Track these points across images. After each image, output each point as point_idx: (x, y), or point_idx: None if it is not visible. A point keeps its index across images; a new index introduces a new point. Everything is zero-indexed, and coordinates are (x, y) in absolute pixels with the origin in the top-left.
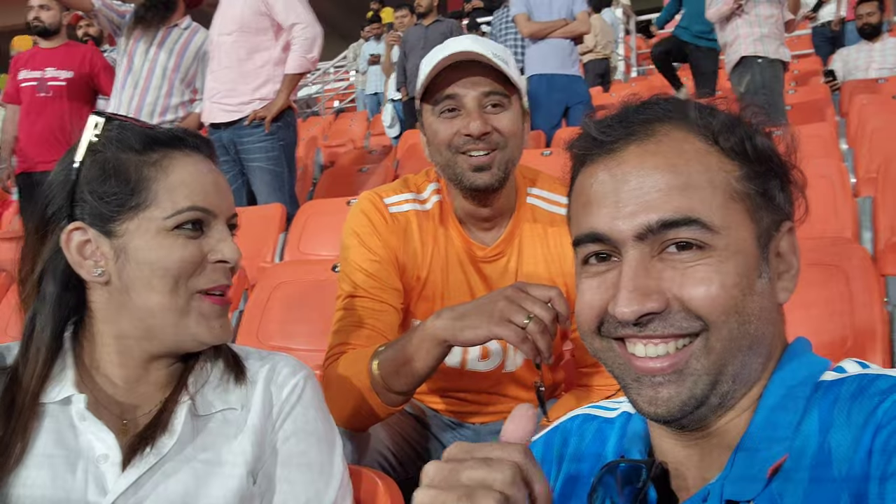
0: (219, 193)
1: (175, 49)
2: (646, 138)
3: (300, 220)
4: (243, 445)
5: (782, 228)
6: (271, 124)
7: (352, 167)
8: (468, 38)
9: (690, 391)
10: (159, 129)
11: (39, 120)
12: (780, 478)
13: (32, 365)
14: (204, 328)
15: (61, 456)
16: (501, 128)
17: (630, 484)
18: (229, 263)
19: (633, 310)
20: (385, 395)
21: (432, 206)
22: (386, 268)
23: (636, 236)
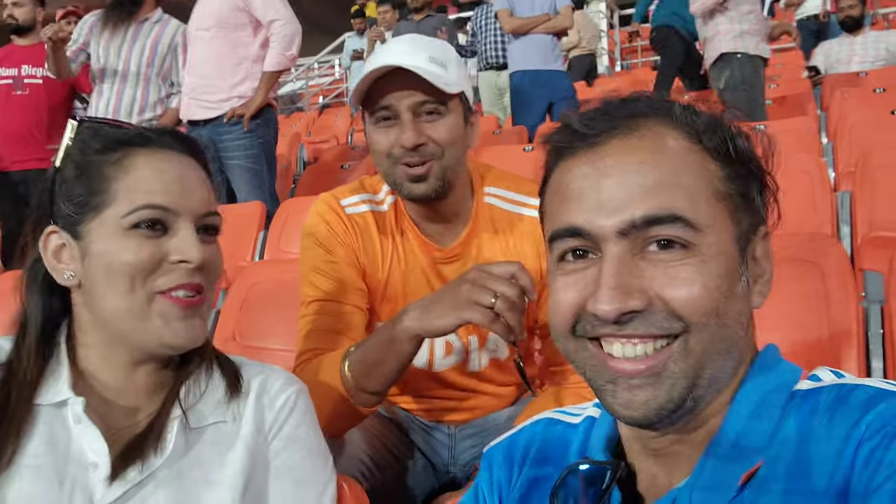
0: (184, 191)
1: (147, 44)
2: (629, 132)
3: (280, 218)
4: (235, 459)
5: (759, 232)
6: (250, 122)
7: (335, 163)
8: (405, 43)
9: (668, 394)
10: (128, 128)
11: (16, 118)
12: (753, 487)
13: (25, 364)
14: (166, 331)
15: (50, 462)
16: (437, 137)
17: (594, 486)
18: (191, 264)
19: (615, 307)
20: (358, 395)
21: (388, 206)
22: (347, 269)
23: (619, 232)
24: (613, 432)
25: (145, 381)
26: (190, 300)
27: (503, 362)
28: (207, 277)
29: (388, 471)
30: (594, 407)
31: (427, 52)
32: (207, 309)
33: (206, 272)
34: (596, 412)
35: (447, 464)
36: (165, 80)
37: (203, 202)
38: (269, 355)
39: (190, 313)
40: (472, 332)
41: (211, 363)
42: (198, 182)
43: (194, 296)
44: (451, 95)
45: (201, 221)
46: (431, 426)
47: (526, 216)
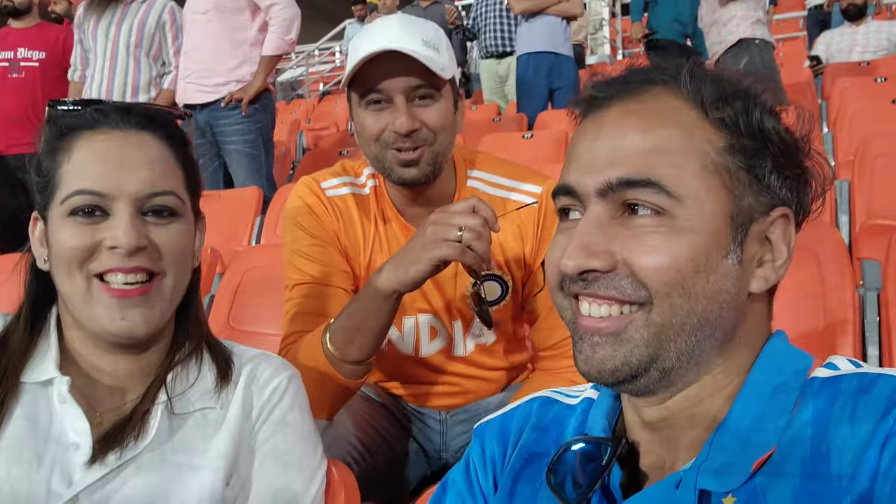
0: (122, 174)
1: (134, 23)
2: (630, 98)
3: (277, 204)
4: (219, 445)
5: (773, 214)
6: (248, 107)
7: (333, 150)
8: (397, 23)
9: (625, 357)
10: (82, 110)
11: (11, 101)
12: (766, 471)
13: (14, 341)
14: (105, 318)
15: (30, 440)
16: (430, 122)
17: (592, 462)
18: (120, 249)
19: (576, 264)
20: (342, 367)
21: (369, 190)
22: (329, 251)
23: (597, 192)
24: (613, 412)
25: (130, 365)
26: (126, 290)
27: (490, 347)
28: (160, 262)
29: (379, 455)
30: (593, 388)
31: (420, 35)
32: (162, 296)
33: (155, 256)
34: (594, 393)
35: (439, 449)
36: (157, 60)
37: (146, 182)
38: (262, 340)
39: (129, 303)
40: (456, 317)
41: (201, 349)
42: (143, 161)
43: (137, 283)
44: (444, 80)
45: (146, 203)
46: (422, 412)
47: (508, 200)
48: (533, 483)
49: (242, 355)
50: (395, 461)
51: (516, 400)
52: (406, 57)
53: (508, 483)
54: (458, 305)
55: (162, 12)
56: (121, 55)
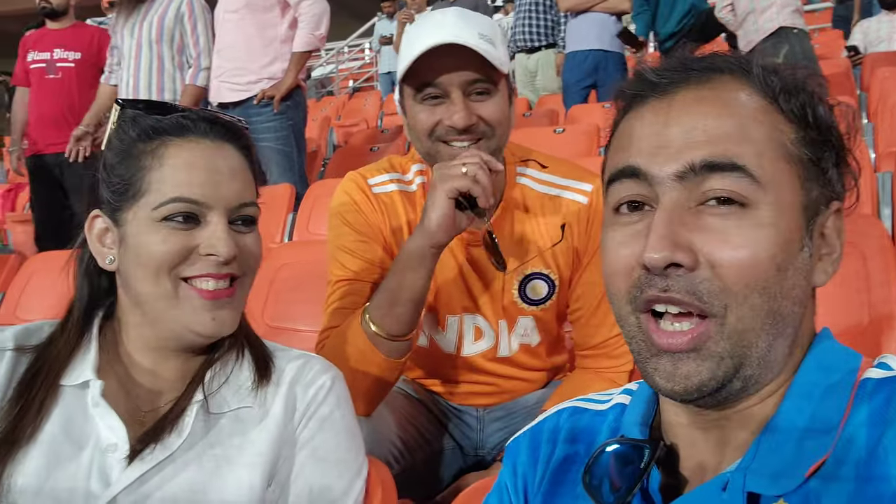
0: (216, 183)
1: (154, 19)
2: (701, 83)
3: (309, 200)
4: (258, 444)
5: (830, 207)
6: (280, 104)
7: (363, 146)
8: (453, 16)
9: (711, 372)
10: (168, 117)
11: (49, 101)
12: (820, 475)
13: (58, 345)
14: (193, 319)
15: (67, 442)
16: (487, 116)
17: (630, 465)
18: (219, 257)
19: (664, 255)
20: (383, 344)
21: (417, 187)
22: (374, 248)
23: (676, 175)
24: (648, 414)
25: (177, 365)
26: (216, 292)
27: (534, 348)
28: (241, 267)
29: (417, 453)
30: (623, 393)
31: (477, 28)
32: (242, 298)
33: (239, 262)
34: (625, 399)
35: (475, 446)
36: (181, 53)
37: (237, 193)
38: (296, 336)
39: (218, 304)
40: (501, 316)
41: (242, 349)
42: (232, 172)
43: (223, 287)
44: (500, 74)
45: (235, 213)
46: (460, 409)
47: (557, 198)
48: (572, 492)
49: (286, 356)
50: (432, 458)
51: (554, 400)
52: (464, 50)
53: (545, 496)
54: (505, 304)
55: (181, 5)
56: (144, 52)
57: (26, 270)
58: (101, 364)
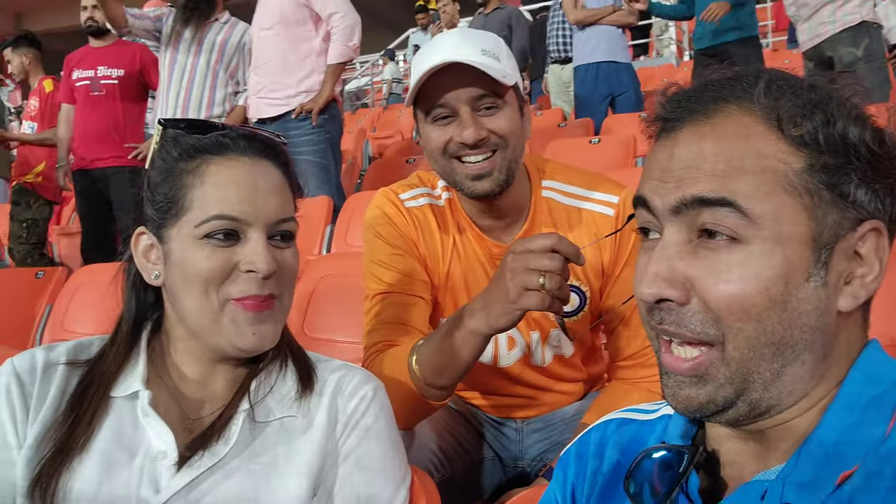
0: (256, 200)
1: (216, 42)
2: (703, 119)
3: (347, 213)
4: (304, 452)
5: (861, 228)
6: (318, 117)
7: (399, 158)
8: (456, 37)
9: (709, 396)
10: (208, 135)
11: (94, 118)
12: (855, 485)
13: (108, 359)
14: (237, 334)
15: (119, 451)
16: (497, 129)
17: (671, 469)
18: (259, 274)
19: (652, 292)
20: (427, 390)
21: (444, 202)
22: (409, 260)
23: (671, 210)
24: (692, 425)
25: (224, 375)
26: (259, 304)
27: (568, 359)
28: (280, 282)
29: (457, 463)
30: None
31: (479, 45)
32: (282, 312)
33: (279, 277)
34: (672, 409)
35: (515, 457)
36: (233, 78)
37: (276, 209)
38: (335, 347)
39: (261, 318)
40: (534, 327)
41: (285, 360)
42: (272, 189)
43: (264, 300)
44: (507, 87)
45: (274, 229)
46: (499, 421)
47: (583, 210)
48: (621, 503)
49: (328, 366)
50: (472, 469)
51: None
52: (467, 68)
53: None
54: (535, 316)
55: (243, 35)
56: (200, 70)
57: (73, 283)
58: (150, 375)
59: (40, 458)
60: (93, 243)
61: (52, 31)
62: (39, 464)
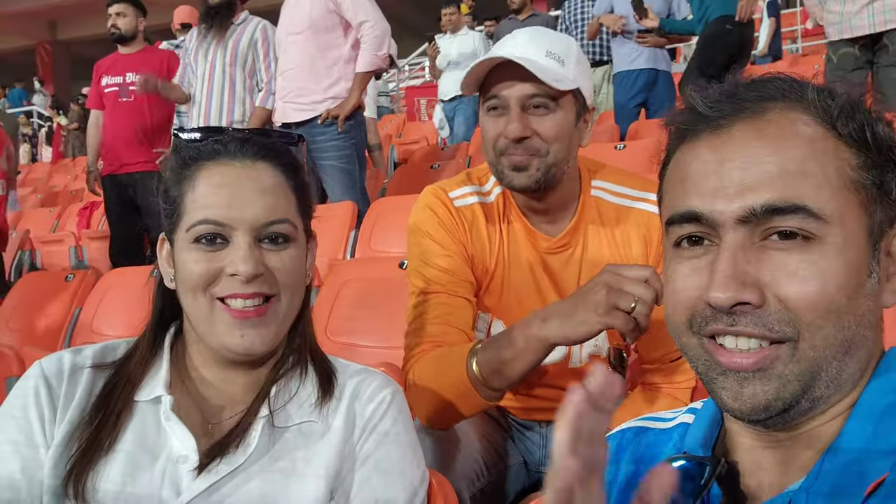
0: (241, 204)
1: (229, 44)
2: (756, 116)
3: (371, 218)
4: (322, 457)
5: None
6: (344, 123)
7: (424, 164)
8: (526, 35)
9: (777, 392)
10: (204, 142)
11: (122, 124)
12: (880, 495)
13: (132, 363)
14: (226, 336)
15: (142, 453)
16: (543, 132)
17: (691, 481)
18: (240, 276)
19: (729, 296)
20: (484, 391)
21: (495, 197)
22: (458, 261)
23: (738, 219)
24: (711, 434)
25: (243, 379)
26: (245, 311)
27: (604, 358)
28: (275, 285)
29: (493, 469)
30: (688, 413)
31: (546, 46)
32: (278, 315)
33: (270, 280)
34: (689, 418)
35: (538, 462)
36: (252, 77)
37: (265, 211)
38: (359, 352)
39: (248, 323)
40: None
41: (305, 365)
42: (260, 191)
43: (252, 306)
44: (564, 91)
45: (263, 231)
46: (525, 424)
47: (633, 209)
48: None
49: (346, 370)
50: (505, 474)
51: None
52: (523, 66)
53: None
54: None
55: (255, 31)
56: (217, 74)
57: (101, 286)
58: (172, 379)
59: (68, 457)
60: (121, 247)
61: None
62: (69, 462)
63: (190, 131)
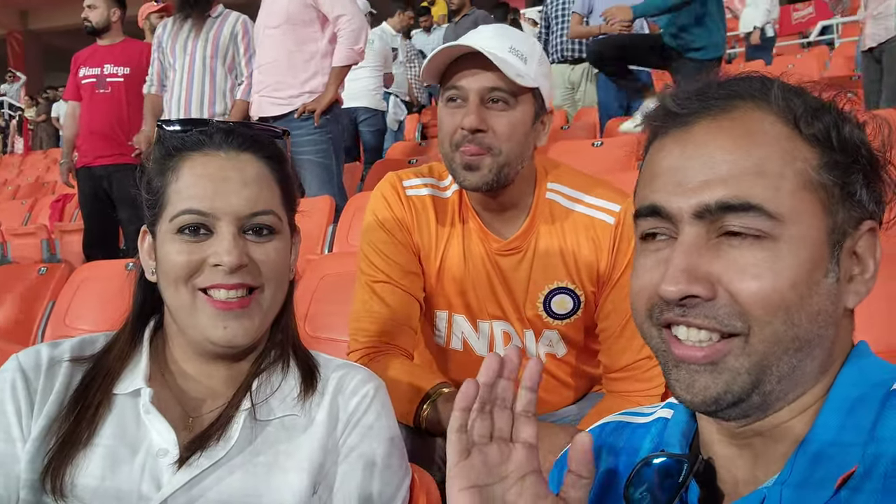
0: (224, 194)
1: (209, 37)
2: (720, 114)
3: (349, 213)
4: (305, 450)
5: (861, 227)
6: (320, 117)
7: (402, 159)
8: (492, 30)
9: (727, 385)
10: (189, 133)
11: (99, 115)
12: (850, 487)
13: (111, 356)
14: (209, 328)
15: (122, 447)
16: (498, 128)
17: (670, 479)
18: (224, 267)
19: (679, 289)
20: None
21: (452, 193)
22: (404, 252)
23: (694, 214)
24: (689, 429)
25: (224, 372)
26: (228, 303)
27: (560, 358)
28: (259, 277)
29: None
30: (666, 407)
31: (511, 42)
32: (261, 308)
33: (252, 272)
34: (668, 413)
35: None
36: (231, 71)
37: (249, 203)
38: (336, 346)
39: (231, 315)
40: (528, 326)
41: (287, 359)
42: (244, 182)
43: (235, 298)
44: (524, 89)
45: (247, 222)
46: None
47: (585, 214)
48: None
49: (328, 365)
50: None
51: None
52: (487, 59)
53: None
54: (529, 316)
55: (235, 24)
56: (197, 68)
57: (75, 279)
58: (152, 372)
59: (46, 451)
60: (95, 240)
61: (57, 29)
62: (47, 456)
63: (173, 122)
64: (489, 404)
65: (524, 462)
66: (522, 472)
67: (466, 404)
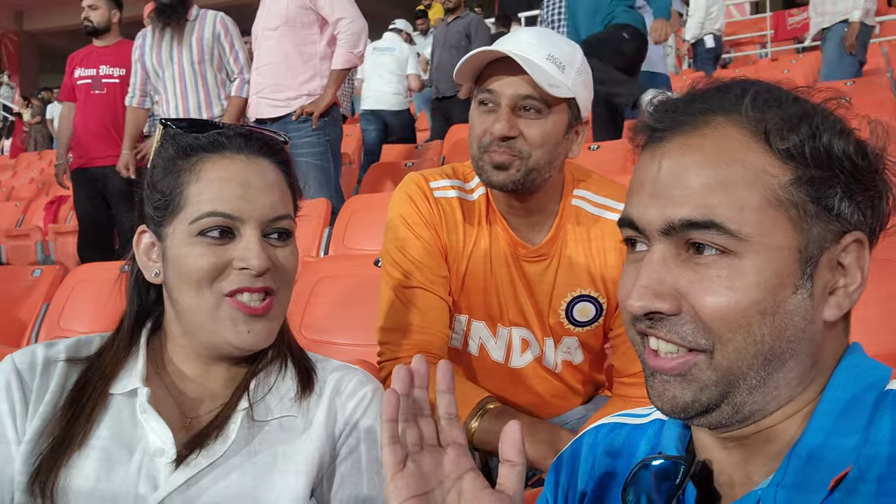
0: (250, 197)
1: (193, 41)
2: (691, 131)
3: (345, 215)
4: (303, 452)
5: (844, 240)
6: (318, 120)
7: (398, 162)
8: (530, 34)
9: (695, 396)
10: (205, 134)
11: (94, 116)
12: (844, 489)
13: (107, 356)
14: (232, 332)
15: (118, 447)
16: (529, 136)
17: (667, 481)
18: (252, 271)
19: (642, 304)
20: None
21: (478, 196)
22: (434, 255)
23: (660, 230)
24: (684, 431)
25: (224, 374)
26: (254, 308)
27: (577, 365)
28: (277, 280)
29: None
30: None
31: (549, 50)
32: (279, 310)
33: (275, 275)
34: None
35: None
36: (221, 70)
37: (271, 207)
38: (333, 349)
39: (257, 318)
40: (548, 334)
41: (285, 360)
42: (266, 186)
43: (260, 301)
44: (558, 99)
45: (269, 226)
46: None
47: (612, 221)
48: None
49: (326, 366)
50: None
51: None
52: (520, 66)
53: None
54: (551, 323)
55: (215, 25)
56: (188, 75)
57: (69, 281)
58: (149, 373)
59: (39, 452)
60: (89, 242)
61: (52, 30)
62: (38, 458)
63: (183, 122)
64: (410, 415)
65: (457, 463)
66: (458, 472)
67: (391, 415)
